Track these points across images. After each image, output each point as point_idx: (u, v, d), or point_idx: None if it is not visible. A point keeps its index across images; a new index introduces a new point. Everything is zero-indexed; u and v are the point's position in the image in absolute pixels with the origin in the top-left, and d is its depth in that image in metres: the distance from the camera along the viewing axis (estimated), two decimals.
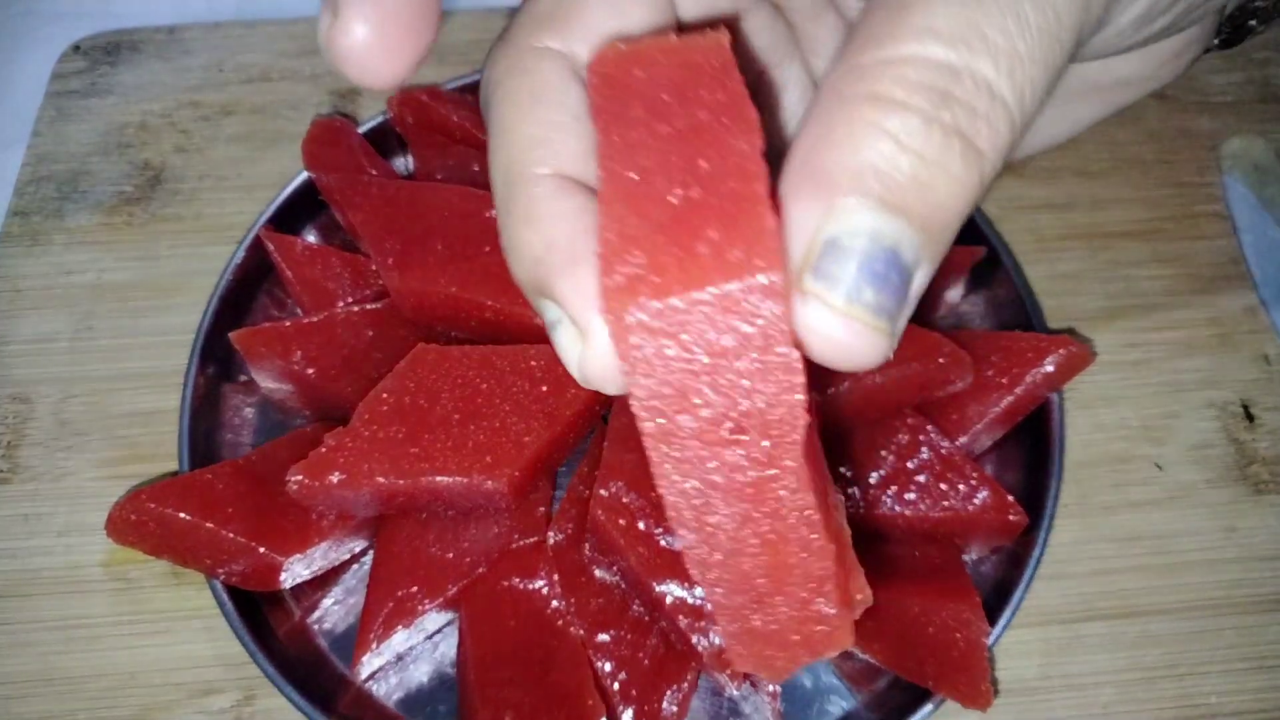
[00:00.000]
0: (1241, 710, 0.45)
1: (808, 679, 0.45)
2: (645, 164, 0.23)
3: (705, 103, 0.23)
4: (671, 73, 0.24)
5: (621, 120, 0.24)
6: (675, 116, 0.23)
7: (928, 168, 0.22)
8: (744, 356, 0.21)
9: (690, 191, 0.22)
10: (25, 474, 0.49)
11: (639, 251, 0.21)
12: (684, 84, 0.24)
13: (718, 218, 0.21)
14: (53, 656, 0.45)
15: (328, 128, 0.53)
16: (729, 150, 0.22)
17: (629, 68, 0.24)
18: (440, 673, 0.45)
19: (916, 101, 0.22)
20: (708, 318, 0.21)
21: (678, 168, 0.22)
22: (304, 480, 0.40)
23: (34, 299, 0.54)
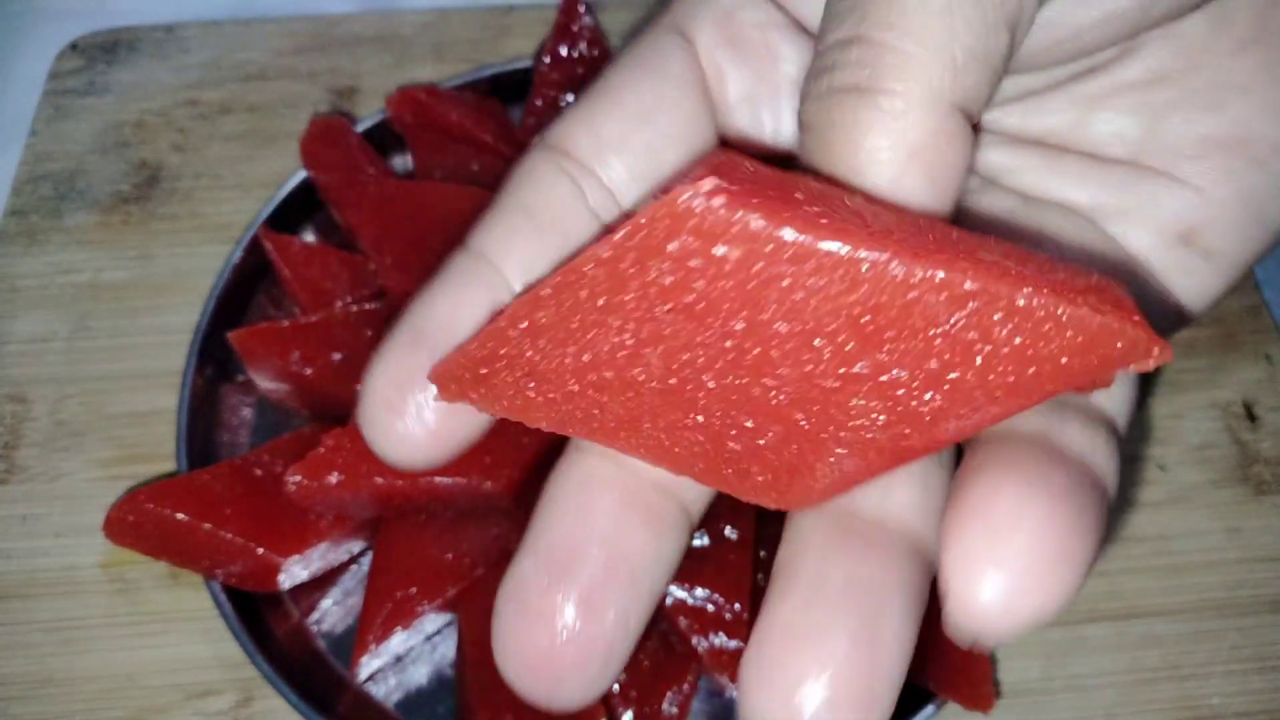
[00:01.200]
0: (1244, 712, 0.45)
1: None
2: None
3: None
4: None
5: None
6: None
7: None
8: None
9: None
10: (22, 475, 0.49)
11: None
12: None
13: None
14: (49, 658, 0.45)
15: (326, 126, 0.53)
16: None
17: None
18: (439, 674, 0.45)
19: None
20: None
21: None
22: (302, 481, 0.40)
23: (30, 298, 0.54)
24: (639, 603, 0.24)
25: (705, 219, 0.20)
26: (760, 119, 0.29)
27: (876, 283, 0.20)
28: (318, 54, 0.62)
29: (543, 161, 0.27)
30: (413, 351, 0.25)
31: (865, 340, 0.21)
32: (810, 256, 0.20)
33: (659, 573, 0.25)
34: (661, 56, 0.28)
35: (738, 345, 0.21)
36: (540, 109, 0.55)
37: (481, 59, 0.62)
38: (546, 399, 0.23)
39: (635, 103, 0.27)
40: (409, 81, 0.59)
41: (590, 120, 0.27)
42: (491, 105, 0.57)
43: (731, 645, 0.41)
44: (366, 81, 0.61)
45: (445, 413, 0.25)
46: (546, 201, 0.27)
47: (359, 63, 0.62)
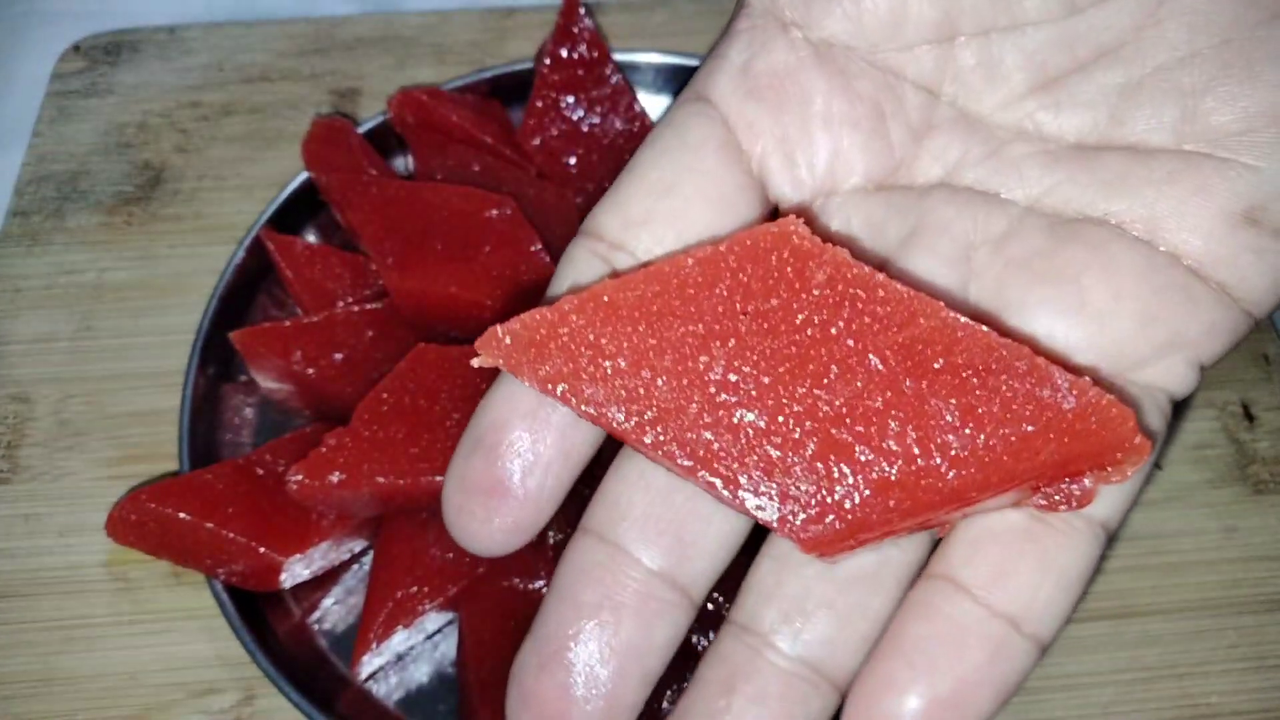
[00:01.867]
0: (1241, 710, 0.45)
1: None
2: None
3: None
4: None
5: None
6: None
7: None
8: None
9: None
10: (25, 474, 0.50)
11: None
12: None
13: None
14: (53, 656, 0.45)
15: (327, 127, 0.53)
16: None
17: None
18: (440, 672, 0.45)
19: None
20: None
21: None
22: (304, 480, 0.40)
23: (34, 299, 0.54)
24: (628, 687, 0.26)
25: (805, 242, 0.24)
26: (795, 158, 0.29)
27: (931, 322, 0.24)
28: (319, 56, 0.63)
29: (579, 249, 0.29)
30: (471, 459, 0.27)
31: (915, 366, 0.24)
32: (881, 288, 0.24)
33: (650, 658, 0.26)
34: (680, 127, 0.29)
35: (802, 353, 0.24)
36: (541, 110, 0.55)
37: (482, 61, 0.62)
38: (596, 376, 0.25)
39: (657, 177, 0.28)
40: (410, 83, 0.60)
41: (617, 202, 0.29)
42: (492, 107, 0.57)
43: None
44: (368, 83, 0.62)
45: (510, 509, 0.26)
46: (585, 283, 0.28)
47: (360, 64, 0.62)
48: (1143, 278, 0.28)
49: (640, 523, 0.27)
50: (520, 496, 0.26)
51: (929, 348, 0.24)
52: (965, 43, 0.30)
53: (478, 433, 0.27)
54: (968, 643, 0.26)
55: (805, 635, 0.27)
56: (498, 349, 0.25)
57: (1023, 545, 0.26)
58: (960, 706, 0.26)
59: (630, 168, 0.29)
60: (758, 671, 0.27)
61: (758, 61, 0.29)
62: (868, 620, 0.27)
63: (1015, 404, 0.24)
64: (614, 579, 0.26)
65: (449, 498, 0.27)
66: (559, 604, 0.27)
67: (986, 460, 0.24)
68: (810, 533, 0.25)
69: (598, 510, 0.28)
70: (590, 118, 0.55)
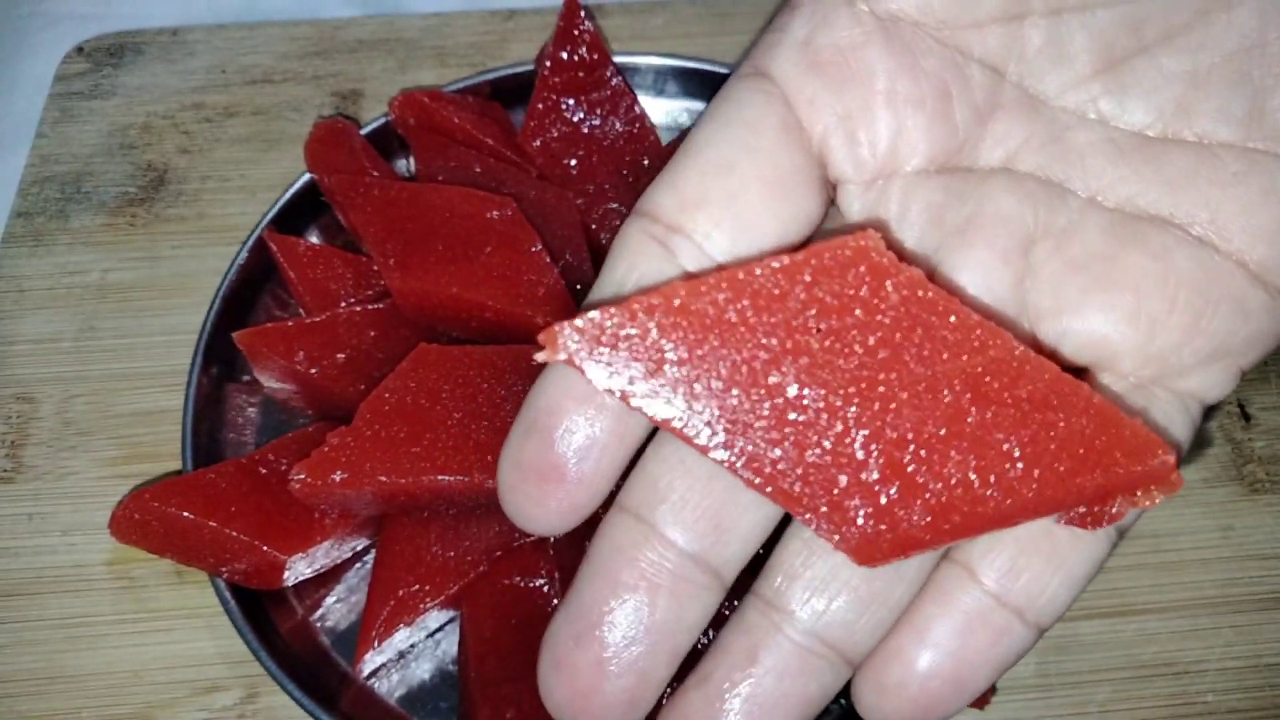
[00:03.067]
0: (1237, 708, 0.45)
1: None
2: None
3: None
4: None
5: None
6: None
7: None
8: None
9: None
10: (29, 473, 0.50)
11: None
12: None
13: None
14: (57, 655, 0.46)
15: (330, 129, 0.53)
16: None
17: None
18: (442, 670, 0.45)
19: None
20: None
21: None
22: (307, 479, 0.40)
23: (38, 299, 0.55)
24: (659, 663, 0.27)
25: (882, 259, 0.24)
26: (858, 137, 0.29)
27: (999, 353, 0.25)
28: (322, 58, 0.63)
29: (635, 231, 0.28)
30: (526, 441, 0.27)
31: (979, 396, 0.25)
32: (953, 313, 0.25)
33: (680, 636, 0.27)
34: (737, 104, 0.29)
35: (872, 375, 0.25)
36: (542, 112, 0.55)
37: (484, 63, 0.62)
38: (663, 382, 0.25)
39: (713, 155, 0.28)
40: (412, 85, 0.60)
41: (673, 182, 0.28)
42: (494, 109, 0.57)
43: None
44: (370, 85, 0.62)
45: (565, 491, 0.27)
46: (639, 271, 0.28)
47: (363, 66, 0.63)
48: (1199, 289, 0.28)
49: (678, 507, 0.27)
50: (575, 479, 0.27)
51: (995, 378, 0.25)
52: (1035, 21, 0.29)
53: (532, 416, 0.27)
54: (974, 628, 0.27)
55: (827, 616, 0.28)
56: (561, 345, 0.25)
57: (1039, 543, 0.28)
58: (958, 682, 0.28)
59: (687, 145, 0.29)
60: (778, 645, 0.28)
61: (820, 35, 0.29)
62: (888, 607, 0.28)
63: (1072, 441, 0.25)
64: (650, 559, 0.27)
65: (504, 478, 0.27)
66: (595, 579, 0.27)
67: (1039, 492, 0.25)
68: (860, 545, 0.25)
69: (636, 489, 0.28)
70: (591, 120, 0.56)
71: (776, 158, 0.28)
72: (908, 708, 0.28)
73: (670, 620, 0.27)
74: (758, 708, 0.27)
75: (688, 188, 0.28)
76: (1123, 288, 0.28)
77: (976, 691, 0.28)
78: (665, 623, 0.27)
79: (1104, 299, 0.28)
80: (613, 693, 0.26)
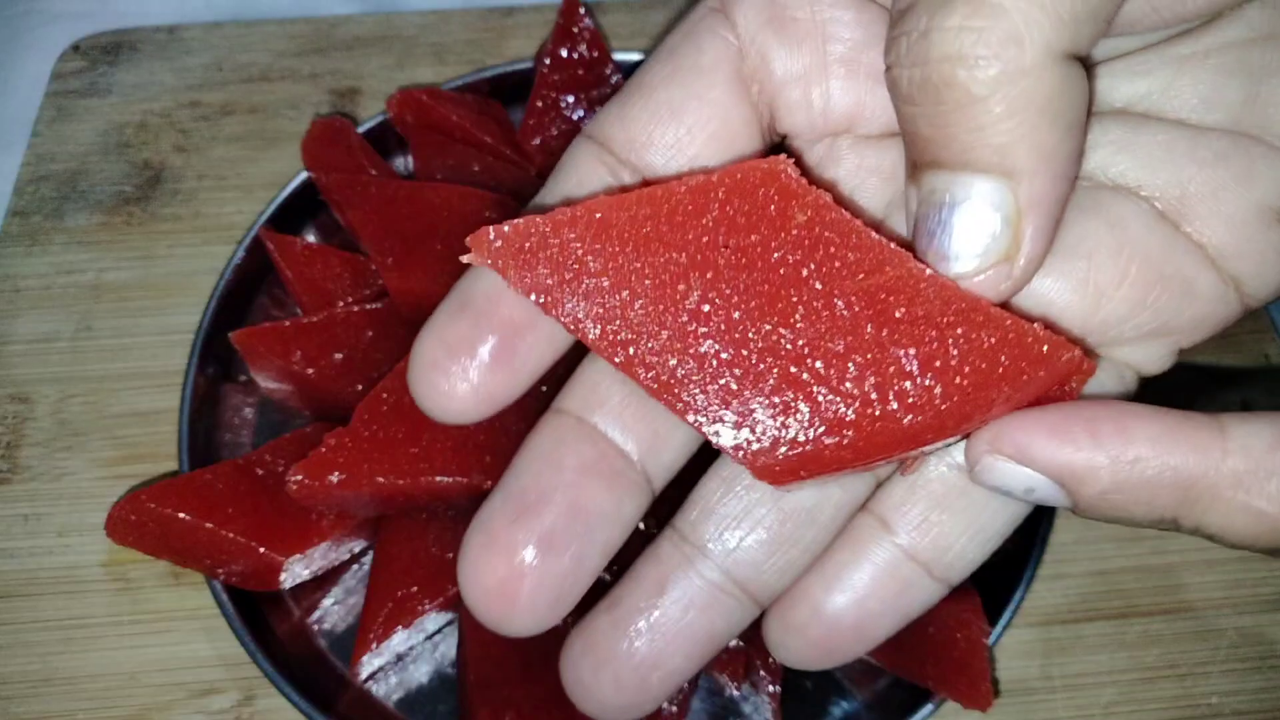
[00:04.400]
0: (1242, 710, 0.45)
1: (808, 680, 0.45)
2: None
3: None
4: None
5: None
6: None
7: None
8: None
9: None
10: (25, 474, 0.49)
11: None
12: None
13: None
14: (52, 657, 0.45)
15: (327, 127, 0.53)
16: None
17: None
18: (440, 673, 0.45)
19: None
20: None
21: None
22: (304, 480, 0.40)
23: (33, 299, 0.54)
24: (593, 550, 0.27)
25: (791, 182, 0.25)
26: (810, 97, 0.29)
27: (897, 271, 0.25)
28: (319, 55, 0.63)
29: (584, 152, 0.29)
30: (458, 318, 0.27)
31: (878, 313, 0.25)
32: (855, 234, 0.25)
33: (615, 528, 0.28)
34: (696, 47, 0.29)
35: (773, 291, 0.25)
36: (541, 110, 0.55)
37: (482, 60, 0.62)
38: (578, 291, 0.25)
39: (664, 98, 0.28)
40: (410, 83, 0.60)
41: (624, 117, 0.28)
42: (492, 107, 0.57)
43: (731, 644, 0.41)
44: (368, 83, 0.61)
45: (488, 372, 0.27)
46: (587, 189, 0.28)
47: (360, 64, 0.62)
48: (1152, 265, 0.27)
49: (617, 411, 0.28)
50: (502, 364, 0.26)
51: (893, 295, 0.25)
52: None
53: (467, 296, 0.27)
54: (881, 579, 0.28)
55: (737, 554, 0.29)
56: (487, 250, 0.25)
57: (953, 499, 0.28)
58: (860, 630, 0.29)
59: (641, 77, 0.29)
60: (687, 579, 0.29)
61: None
62: (799, 548, 0.29)
63: (974, 355, 0.25)
64: (590, 452, 0.28)
65: (422, 354, 0.27)
66: (535, 463, 0.28)
67: (942, 408, 0.25)
68: (762, 461, 0.25)
69: (575, 392, 0.29)
70: (590, 117, 0.55)
71: (726, 110, 0.28)
72: (810, 649, 0.29)
73: (608, 510, 0.27)
74: (661, 637, 0.28)
75: (636, 128, 0.28)
76: (1076, 254, 0.28)
77: (877, 639, 0.29)
78: (603, 512, 0.27)
79: (1055, 263, 0.27)
80: (547, 576, 0.26)
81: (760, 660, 0.43)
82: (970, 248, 0.25)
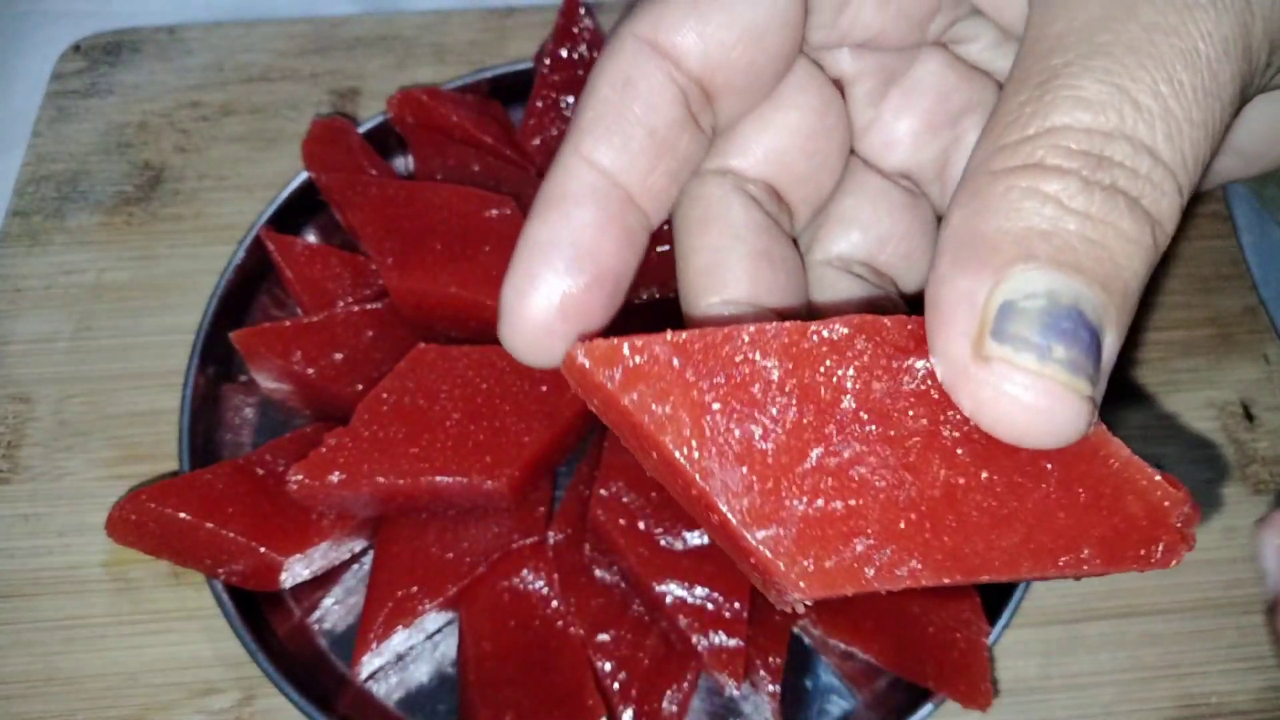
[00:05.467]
0: (1241, 710, 0.45)
1: (808, 680, 0.45)
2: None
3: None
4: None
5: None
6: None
7: (1096, 226, 0.21)
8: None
9: None
10: (25, 474, 0.50)
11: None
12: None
13: None
14: (53, 656, 0.45)
15: (328, 127, 0.53)
16: None
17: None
18: (440, 672, 0.45)
19: (1074, 165, 0.21)
20: None
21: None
22: (304, 480, 0.40)
23: (34, 299, 0.54)
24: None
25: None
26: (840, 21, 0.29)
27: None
28: (319, 56, 0.63)
29: (627, 47, 0.27)
30: (539, 257, 0.25)
31: (973, 448, 0.23)
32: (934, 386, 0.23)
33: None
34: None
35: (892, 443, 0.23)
36: (541, 110, 0.55)
37: (482, 61, 0.62)
38: (671, 415, 0.23)
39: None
40: (410, 83, 0.60)
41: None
42: (492, 107, 0.57)
43: (731, 644, 0.41)
44: (368, 83, 0.62)
45: (571, 301, 0.25)
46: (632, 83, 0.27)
47: (360, 64, 0.62)
48: None
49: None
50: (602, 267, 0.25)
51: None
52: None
53: (532, 235, 0.26)
54: None
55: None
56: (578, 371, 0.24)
57: None
58: None
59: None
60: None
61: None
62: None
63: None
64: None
65: (508, 286, 0.25)
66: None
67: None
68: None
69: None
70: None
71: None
72: None
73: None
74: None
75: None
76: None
77: None
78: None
79: None
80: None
81: (760, 660, 0.43)
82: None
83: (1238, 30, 0.22)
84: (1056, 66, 0.22)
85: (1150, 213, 0.21)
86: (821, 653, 0.46)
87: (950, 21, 0.30)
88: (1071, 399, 0.20)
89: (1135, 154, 0.21)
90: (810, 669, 0.45)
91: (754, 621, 0.41)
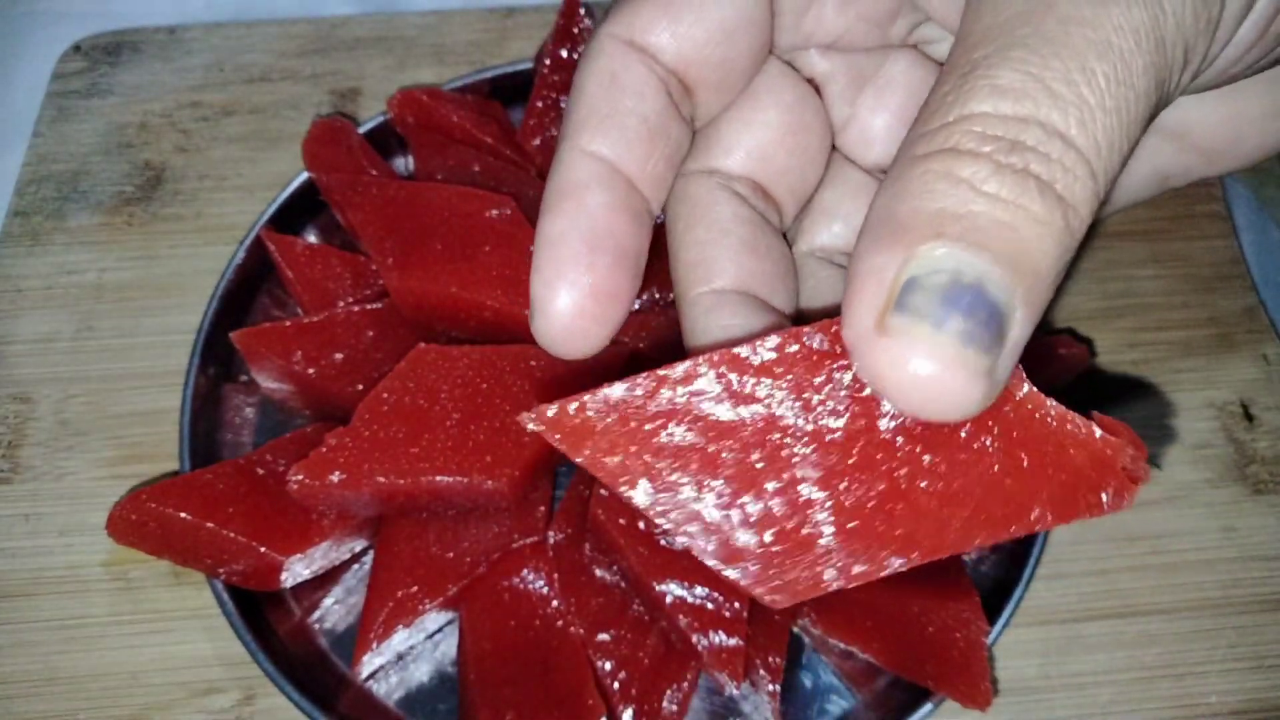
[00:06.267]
0: (1240, 710, 0.45)
1: (808, 679, 0.45)
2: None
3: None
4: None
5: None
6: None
7: (1007, 208, 0.21)
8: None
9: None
10: (26, 474, 0.50)
11: None
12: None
13: None
14: (54, 656, 0.45)
15: (328, 128, 0.53)
16: None
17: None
18: (441, 672, 0.45)
19: (987, 149, 0.22)
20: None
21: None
22: (304, 480, 0.40)
23: (35, 299, 0.54)
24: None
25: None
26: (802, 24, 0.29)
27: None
28: (320, 56, 0.63)
29: (607, 47, 0.28)
30: (560, 247, 0.26)
31: (910, 436, 0.23)
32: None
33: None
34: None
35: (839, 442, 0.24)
36: (541, 110, 0.55)
37: (482, 61, 0.62)
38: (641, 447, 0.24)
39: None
40: (410, 83, 0.60)
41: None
42: (492, 107, 0.57)
43: (731, 643, 0.41)
44: (368, 83, 0.62)
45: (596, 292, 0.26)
46: (622, 81, 0.27)
47: (361, 65, 0.62)
48: None
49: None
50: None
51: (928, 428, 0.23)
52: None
53: (546, 231, 0.26)
54: None
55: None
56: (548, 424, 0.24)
57: None
58: None
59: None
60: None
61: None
62: None
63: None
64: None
65: (534, 281, 0.26)
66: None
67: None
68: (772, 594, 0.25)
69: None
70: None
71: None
72: None
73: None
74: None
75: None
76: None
77: None
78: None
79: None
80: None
81: (760, 659, 0.43)
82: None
83: (1149, 24, 0.22)
84: (978, 59, 0.23)
85: (1063, 196, 0.22)
86: (821, 652, 0.46)
87: (912, 24, 0.31)
88: (964, 371, 0.20)
89: (1048, 139, 0.22)
90: (810, 668, 0.45)
91: (754, 621, 0.41)
